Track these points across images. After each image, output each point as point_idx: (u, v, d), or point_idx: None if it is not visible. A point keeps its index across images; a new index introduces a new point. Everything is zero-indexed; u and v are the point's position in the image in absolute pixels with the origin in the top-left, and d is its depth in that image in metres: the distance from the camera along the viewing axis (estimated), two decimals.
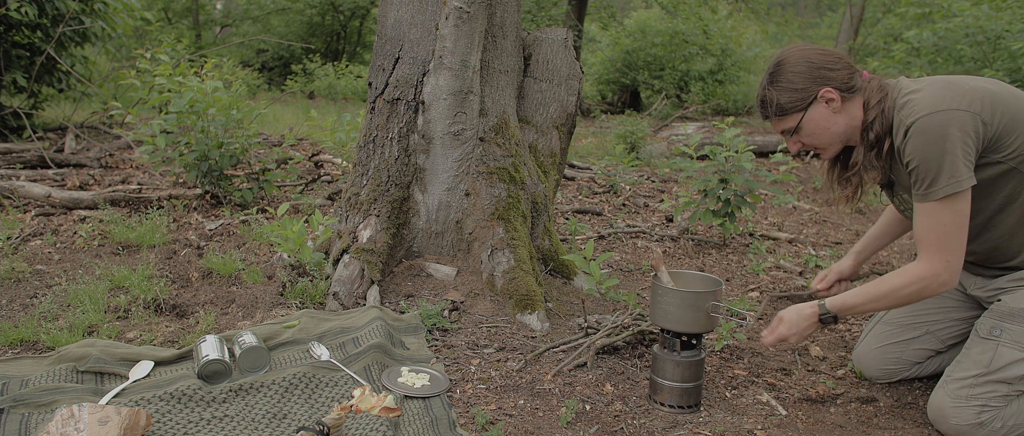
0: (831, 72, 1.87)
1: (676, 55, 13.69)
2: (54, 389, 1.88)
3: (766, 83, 1.94)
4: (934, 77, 1.89)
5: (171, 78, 3.86)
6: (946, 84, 1.81)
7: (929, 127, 1.75)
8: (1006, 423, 1.86)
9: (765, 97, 1.94)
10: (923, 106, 1.77)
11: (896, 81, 1.92)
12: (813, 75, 1.87)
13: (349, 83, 13.52)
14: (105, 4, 6.32)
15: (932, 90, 1.80)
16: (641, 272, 3.41)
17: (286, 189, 4.53)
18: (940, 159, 1.74)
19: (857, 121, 1.91)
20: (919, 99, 1.79)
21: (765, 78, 1.95)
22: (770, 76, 1.93)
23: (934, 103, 1.76)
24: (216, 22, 18.62)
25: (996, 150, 1.80)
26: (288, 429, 1.80)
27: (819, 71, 1.87)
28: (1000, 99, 1.80)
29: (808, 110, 1.89)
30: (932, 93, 1.79)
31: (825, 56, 1.90)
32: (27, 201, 3.83)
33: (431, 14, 2.85)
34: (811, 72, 1.87)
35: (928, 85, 1.83)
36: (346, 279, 2.65)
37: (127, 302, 2.59)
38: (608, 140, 8.25)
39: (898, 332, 2.18)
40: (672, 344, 2.04)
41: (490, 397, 2.06)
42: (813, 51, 1.91)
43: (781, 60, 1.92)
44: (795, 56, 1.90)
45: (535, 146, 3.14)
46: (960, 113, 1.75)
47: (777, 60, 1.94)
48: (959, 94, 1.78)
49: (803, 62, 1.88)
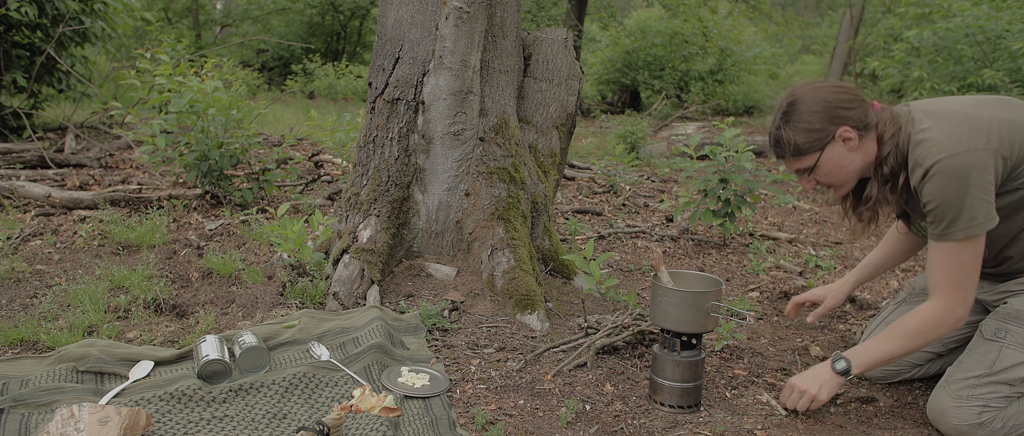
0: (847, 111, 1.83)
1: (676, 55, 13.70)
2: (54, 389, 1.87)
3: (780, 122, 1.89)
4: (947, 107, 1.84)
5: (171, 78, 3.86)
6: (963, 120, 1.77)
7: (948, 170, 1.72)
8: (1006, 424, 1.86)
9: (781, 137, 1.89)
10: (941, 147, 1.73)
11: (907, 111, 1.88)
12: (830, 114, 1.83)
13: (349, 83, 13.52)
14: (105, 4, 6.32)
15: (948, 127, 1.76)
16: (641, 272, 3.41)
17: (286, 189, 4.53)
18: (960, 202, 1.73)
19: (871, 156, 1.88)
20: (936, 138, 1.75)
21: (778, 117, 1.90)
22: (784, 115, 1.88)
23: (953, 144, 1.73)
24: (216, 22, 18.63)
25: (1016, 178, 1.79)
26: (288, 429, 1.80)
27: (835, 110, 1.83)
28: (1018, 127, 1.77)
29: (825, 150, 1.86)
30: (949, 131, 1.75)
31: (841, 94, 1.85)
32: (27, 201, 3.83)
33: (431, 14, 2.85)
34: (827, 112, 1.83)
35: (943, 119, 1.78)
36: (346, 279, 2.65)
37: (127, 302, 2.59)
38: (608, 140, 8.25)
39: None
40: (672, 344, 2.04)
41: (490, 397, 2.06)
42: (828, 89, 1.86)
43: (795, 99, 1.87)
44: (810, 95, 1.86)
45: (535, 146, 3.14)
46: (979, 153, 1.72)
47: (790, 99, 1.88)
48: (977, 131, 1.74)
49: (819, 101, 1.84)
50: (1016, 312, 1.90)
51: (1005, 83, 5.79)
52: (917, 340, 1.88)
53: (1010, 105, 1.86)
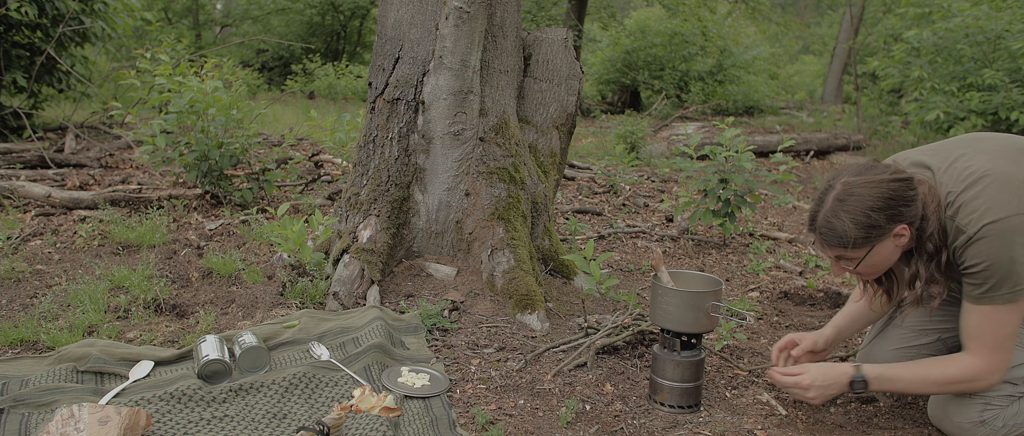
0: (907, 206, 1.73)
1: (676, 55, 13.70)
2: (54, 389, 1.87)
3: (835, 210, 1.76)
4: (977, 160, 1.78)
5: (171, 78, 3.86)
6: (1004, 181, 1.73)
7: (998, 234, 1.69)
8: (1007, 422, 1.86)
9: (833, 226, 1.76)
10: (989, 210, 1.70)
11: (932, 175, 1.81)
12: (891, 212, 1.72)
13: (349, 83, 13.52)
14: (105, 4, 6.32)
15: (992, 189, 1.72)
16: (641, 272, 3.41)
17: (286, 189, 4.53)
18: (1009, 266, 1.70)
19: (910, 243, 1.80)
20: (979, 205, 1.71)
21: (832, 202, 1.76)
22: (839, 202, 1.75)
23: (999, 209, 1.70)
24: (216, 22, 18.63)
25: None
26: (288, 429, 1.80)
27: (897, 208, 1.73)
28: None
29: (876, 246, 1.77)
30: (993, 195, 1.71)
31: (902, 188, 1.74)
32: (27, 201, 3.83)
33: (431, 14, 2.85)
34: (889, 208, 1.72)
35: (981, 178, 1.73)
36: (346, 279, 2.65)
37: (127, 302, 2.59)
38: (608, 140, 8.25)
39: (913, 336, 2.16)
40: (672, 344, 2.04)
41: (490, 397, 2.06)
42: (888, 183, 1.74)
43: (852, 190, 1.75)
44: (870, 190, 1.73)
45: (535, 146, 3.13)
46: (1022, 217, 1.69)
47: (847, 188, 1.76)
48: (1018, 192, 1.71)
49: (880, 198, 1.72)
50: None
51: (1005, 83, 5.78)
52: (949, 388, 1.88)
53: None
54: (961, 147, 1.87)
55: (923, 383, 1.90)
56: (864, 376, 1.91)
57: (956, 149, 1.87)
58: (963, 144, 1.89)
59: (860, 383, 1.91)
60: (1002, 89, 5.79)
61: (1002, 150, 1.83)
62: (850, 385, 1.92)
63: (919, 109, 6.17)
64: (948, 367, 1.86)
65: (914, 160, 1.88)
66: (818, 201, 1.82)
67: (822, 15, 25.87)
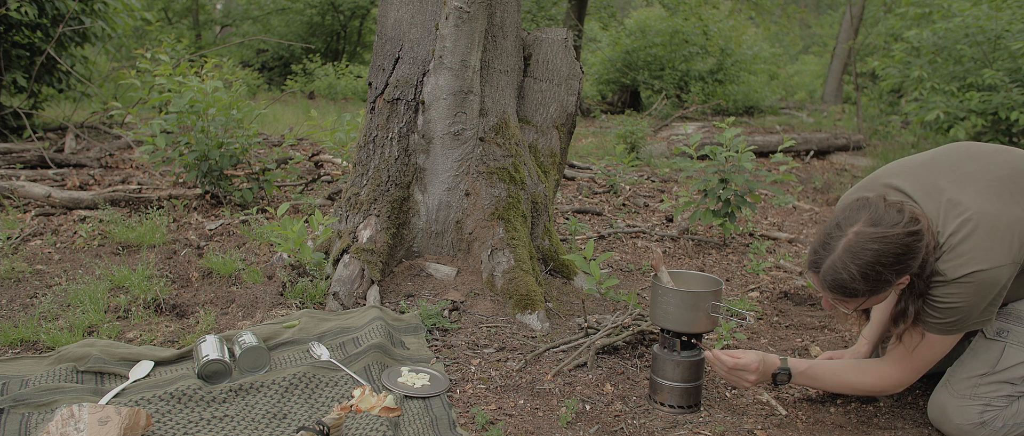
0: (915, 259, 1.69)
1: (676, 55, 13.70)
2: (54, 389, 1.87)
3: (845, 260, 1.69)
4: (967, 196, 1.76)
5: (171, 78, 3.86)
6: (990, 228, 1.71)
7: (976, 284, 1.70)
8: (1007, 423, 1.86)
9: (839, 277, 1.70)
10: (971, 261, 1.69)
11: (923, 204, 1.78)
12: (899, 267, 1.69)
13: (349, 83, 13.52)
14: (105, 4, 6.32)
15: (976, 241, 1.70)
16: (641, 272, 3.41)
17: (286, 189, 4.53)
18: (971, 311, 1.75)
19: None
20: (964, 252, 1.70)
21: (841, 253, 1.69)
22: (850, 254, 1.68)
23: (983, 259, 1.69)
24: (216, 22, 18.63)
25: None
26: (288, 429, 1.80)
27: (906, 262, 1.69)
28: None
29: (878, 294, 1.75)
30: (977, 246, 1.69)
31: (913, 239, 1.68)
32: (27, 201, 3.83)
33: (431, 14, 2.85)
34: (898, 263, 1.68)
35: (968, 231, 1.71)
36: (346, 279, 2.65)
37: (127, 302, 2.59)
38: (608, 140, 8.25)
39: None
40: (672, 344, 2.04)
41: (490, 397, 2.06)
42: (901, 235, 1.67)
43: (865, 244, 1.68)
44: (883, 246, 1.67)
45: (535, 146, 3.13)
46: (1002, 270, 1.71)
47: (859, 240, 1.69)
48: (1003, 243, 1.70)
49: (891, 254, 1.67)
50: (1018, 312, 1.90)
51: (1005, 83, 5.79)
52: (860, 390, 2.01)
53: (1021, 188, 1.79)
54: (943, 174, 1.83)
55: (841, 385, 2.01)
56: (789, 368, 2.00)
57: (937, 177, 1.83)
58: (944, 169, 1.85)
59: (784, 374, 1.99)
60: (1002, 89, 5.79)
61: (987, 182, 1.80)
62: (773, 378, 2.00)
63: (919, 109, 6.17)
64: (865, 376, 1.97)
65: (892, 184, 1.86)
66: (823, 244, 1.75)
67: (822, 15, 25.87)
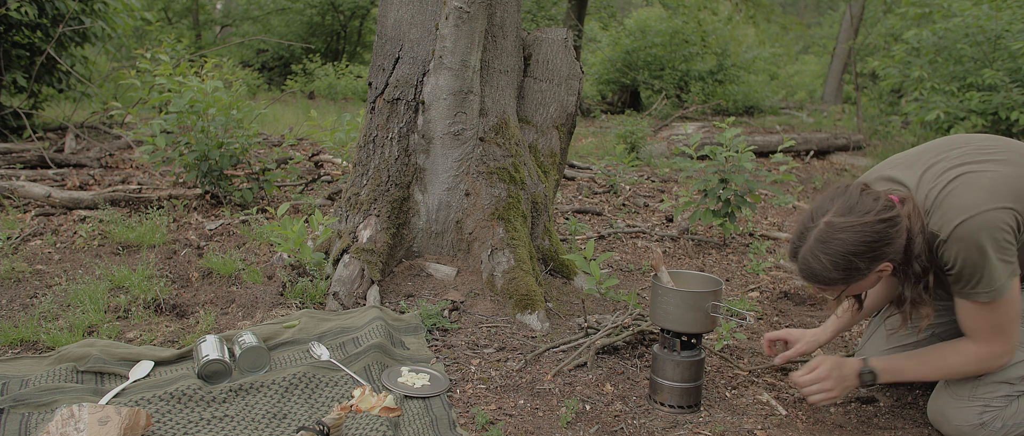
0: (889, 245, 1.67)
1: (676, 55, 13.70)
2: (54, 389, 1.87)
3: (815, 251, 1.70)
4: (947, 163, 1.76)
5: (171, 78, 3.86)
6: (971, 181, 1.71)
7: (967, 234, 1.66)
8: (1006, 423, 1.86)
9: (811, 266, 1.72)
10: (956, 211, 1.68)
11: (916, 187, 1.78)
12: (872, 255, 1.67)
13: (349, 83, 13.52)
14: (105, 4, 6.32)
15: (960, 192, 1.69)
16: (641, 272, 3.41)
17: (286, 189, 4.53)
18: (983, 266, 1.69)
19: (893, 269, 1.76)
20: (950, 205, 1.69)
21: (813, 243, 1.70)
22: (821, 243, 1.69)
23: (966, 206, 1.67)
24: (216, 22, 18.63)
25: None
26: (288, 429, 1.80)
27: (878, 250, 1.67)
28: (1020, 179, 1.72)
29: (856, 282, 1.74)
30: (960, 194, 1.69)
31: (885, 226, 1.66)
32: (27, 201, 3.83)
33: (431, 14, 2.85)
34: (870, 251, 1.67)
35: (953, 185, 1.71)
36: (346, 279, 2.65)
37: (127, 302, 2.59)
38: (608, 140, 8.25)
39: (906, 335, 2.17)
40: (672, 344, 2.04)
41: (490, 397, 2.06)
42: (873, 223, 1.66)
43: (834, 233, 1.68)
44: (852, 235, 1.66)
45: (535, 146, 3.13)
46: (993, 213, 1.67)
47: (829, 229, 1.68)
48: (986, 190, 1.69)
49: (861, 243, 1.66)
50: None
51: (1005, 83, 5.78)
52: (953, 375, 1.89)
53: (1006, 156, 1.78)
54: (935, 155, 1.83)
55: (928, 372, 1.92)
56: (872, 368, 1.94)
57: (928, 157, 1.83)
58: (935, 151, 1.85)
59: (868, 375, 1.94)
60: (1002, 89, 5.79)
61: (979, 152, 1.80)
62: (859, 377, 1.95)
63: (919, 109, 6.17)
64: (953, 355, 1.87)
65: (888, 176, 1.86)
66: (799, 235, 1.76)
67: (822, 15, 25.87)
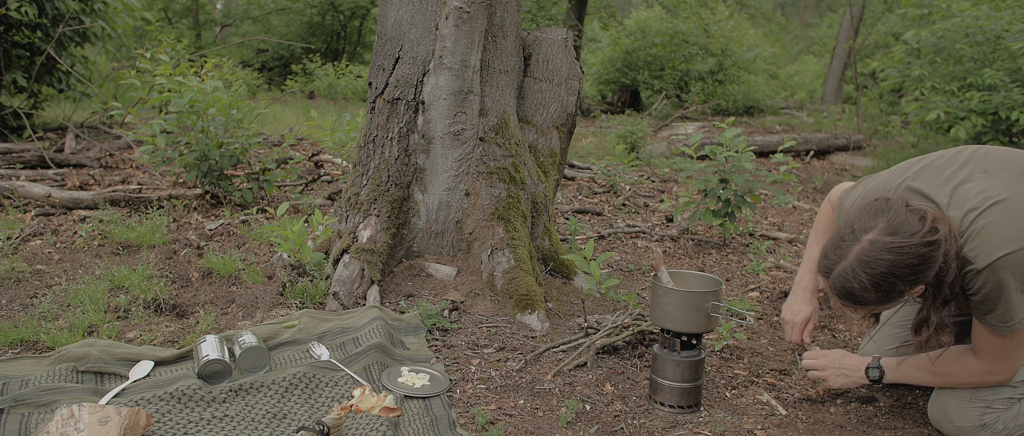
0: (930, 269, 1.62)
1: (676, 55, 13.70)
2: (54, 389, 1.87)
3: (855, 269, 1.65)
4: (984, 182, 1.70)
5: (171, 78, 3.86)
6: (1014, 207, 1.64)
7: (1005, 268, 1.62)
8: (1008, 425, 1.86)
9: (849, 286, 1.67)
10: (999, 242, 1.62)
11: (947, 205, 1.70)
12: (913, 278, 1.63)
13: (349, 83, 13.52)
14: (105, 4, 6.32)
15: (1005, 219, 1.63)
16: (641, 272, 3.41)
17: (286, 189, 4.53)
18: (1009, 301, 1.65)
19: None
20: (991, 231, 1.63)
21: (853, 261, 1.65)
22: (863, 263, 1.64)
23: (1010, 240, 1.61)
24: (216, 22, 18.63)
25: None
26: (288, 429, 1.80)
27: (920, 272, 1.62)
28: None
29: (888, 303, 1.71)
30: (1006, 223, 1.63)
31: (929, 249, 1.61)
32: (27, 201, 3.83)
33: (431, 14, 2.85)
34: (912, 274, 1.62)
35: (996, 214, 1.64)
36: (346, 279, 2.65)
37: (127, 302, 2.59)
38: (608, 140, 8.25)
39: (908, 335, 2.17)
40: (672, 344, 2.04)
41: (490, 397, 2.06)
42: (917, 246, 1.61)
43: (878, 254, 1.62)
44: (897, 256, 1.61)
45: (535, 146, 3.13)
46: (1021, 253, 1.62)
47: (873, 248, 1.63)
48: None
49: (905, 265, 1.61)
50: None
51: (1005, 83, 5.79)
52: (955, 385, 1.91)
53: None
54: (962, 169, 1.77)
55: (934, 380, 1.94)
56: (880, 364, 1.98)
57: (957, 172, 1.76)
58: (963, 164, 1.79)
59: (875, 370, 1.97)
60: (1002, 89, 5.79)
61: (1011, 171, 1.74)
62: (866, 371, 1.98)
63: (919, 109, 6.17)
64: (956, 367, 1.88)
65: (916, 188, 1.77)
66: (835, 248, 1.70)
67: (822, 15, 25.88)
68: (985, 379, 1.86)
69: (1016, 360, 1.81)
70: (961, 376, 1.89)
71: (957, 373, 1.89)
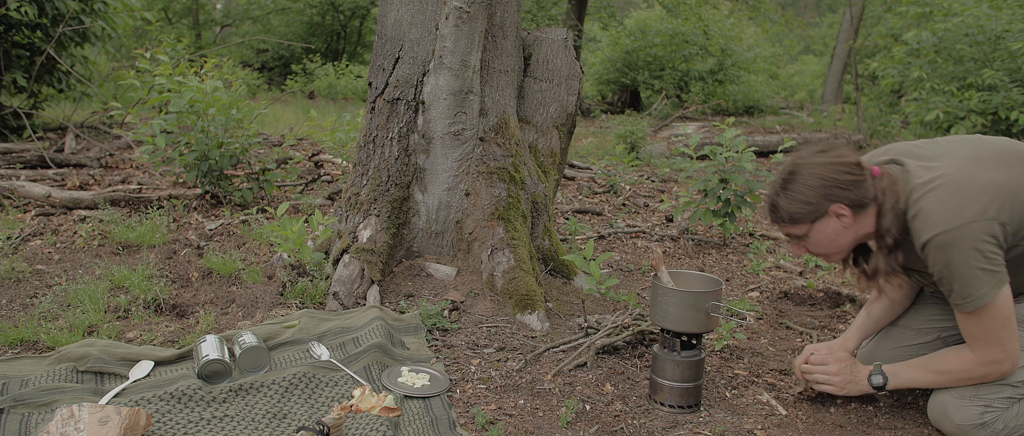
0: (843, 190, 1.81)
1: (676, 55, 13.71)
2: (54, 389, 1.87)
3: (778, 189, 1.89)
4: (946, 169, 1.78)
5: (171, 78, 3.86)
6: (958, 188, 1.73)
7: (945, 246, 1.70)
8: (1007, 425, 1.85)
9: (777, 204, 1.89)
10: (936, 221, 1.71)
11: (904, 171, 1.83)
12: (825, 192, 1.81)
13: (349, 83, 13.53)
14: (105, 4, 6.32)
15: (943, 196, 1.72)
16: (641, 272, 3.41)
17: (286, 189, 4.53)
18: (963, 277, 1.71)
19: (869, 228, 1.86)
20: (931, 211, 1.72)
21: (777, 183, 1.89)
22: (783, 182, 1.88)
23: (946, 217, 1.70)
24: (216, 22, 18.64)
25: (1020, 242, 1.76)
26: (288, 429, 1.80)
27: (831, 189, 1.81)
28: (1008, 189, 1.73)
29: (817, 222, 1.85)
30: (944, 202, 1.72)
31: (839, 172, 1.82)
32: (27, 201, 3.83)
33: (431, 14, 2.85)
34: (823, 188, 1.81)
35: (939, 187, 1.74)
36: (346, 279, 2.65)
37: (127, 302, 2.59)
38: (608, 140, 8.25)
39: (913, 335, 2.17)
40: (672, 344, 2.04)
41: (490, 397, 2.06)
42: (826, 165, 1.83)
43: (794, 170, 1.86)
44: (808, 169, 1.84)
45: (535, 146, 3.13)
46: (974, 226, 1.69)
47: (791, 168, 1.88)
48: (971, 200, 1.71)
49: (815, 177, 1.82)
50: (1019, 315, 1.90)
51: (1005, 83, 5.79)
52: (957, 382, 1.90)
53: (1008, 161, 1.81)
54: (930, 149, 1.88)
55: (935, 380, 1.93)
56: (882, 370, 1.98)
57: (931, 149, 1.87)
58: (957, 143, 1.89)
59: (878, 376, 1.97)
60: (1002, 89, 5.79)
61: (971, 155, 1.82)
62: (868, 377, 1.98)
63: (919, 109, 6.17)
64: (954, 360, 1.89)
65: (892, 157, 1.90)
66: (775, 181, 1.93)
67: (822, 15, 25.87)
68: (986, 371, 1.84)
69: (1009, 345, 1.80)
70: (960, 371, 1.88)
71: (955, 368, 1.88)
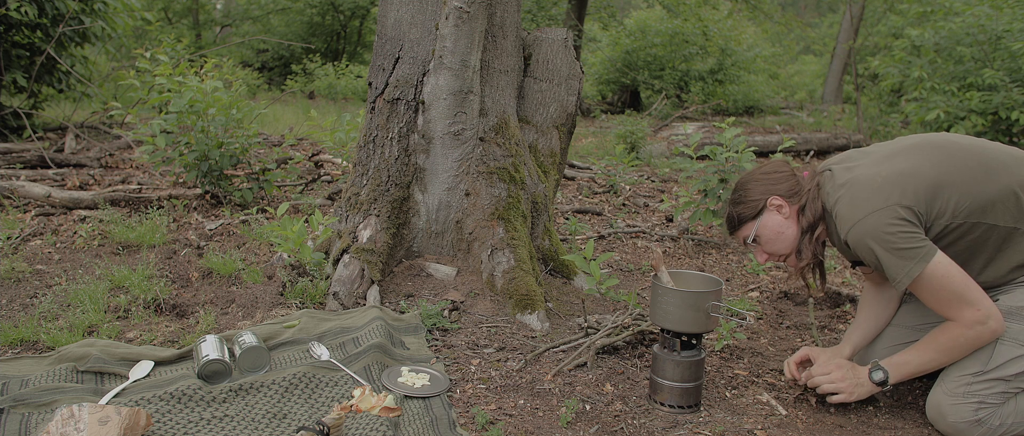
0: (776, 184, 2.05)
1: (676, 55, 13.71)
2: (54, 389, 1.88)
3: (729, 203, 2.13)
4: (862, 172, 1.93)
5: (171, 78, 3.86)
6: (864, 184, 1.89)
7: (860, 237, 1.86)
8: (1004, 421, 1.86)
9: (729, 214, 2.12)
10: (846, 217, 1.88)
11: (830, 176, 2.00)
12: (762, 188, 2.05)
13: (349, 83, 13.53)
14: (105, 4, 6.32)
15: (852, 193, 1.89)
16: (641, 272, 3.41)
17: (286, 189, 4.53)
18: (884, 261, 1.84)
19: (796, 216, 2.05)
20: (842, 212, 1.90)
21: (729, 199, 2.14)
22: (732, 196, 2.13)
23: (853, 213, 1.87)
24: (216, 22, 18.64)
25: (940, 216, 1.86)
26: (288, 429, 1.80)
27: (766, 185, 2.05)
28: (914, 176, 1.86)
29: (760, 217, 2.06)
30: (851, 200, 1.89)
31: (771, 171, 2.09)
32: (27, 201, 3.83)
33: (431, 14, 2.85)
34: (759, 187, 2.06)
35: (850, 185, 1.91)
36: (346, 279, 2.65)
37: (127, 302, 2.59)
38: (608, 140, 8.25)
39: (907, 334, 2.17)
40: (672, 344, 2.04)
41: (490, 397, 2.06)
42: (763, 172, 2.09)
43: (740, 182, 2.13)
44: (749, 176, 2.12)
45: (535, 146, 3.14)
46: (877, 214, 1.83)
47: (737, 184, 2.14)
48: (876, 192, 1.86)
49: (754, 181, 2.08)
50: (1008, 308, 1.90)
51: (1005, 83, 5.79)
52: (952, 354, 1.92)
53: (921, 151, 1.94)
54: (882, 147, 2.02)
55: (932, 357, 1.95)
56: (880, 365, 2.00)
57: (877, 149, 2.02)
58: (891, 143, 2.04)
59: (878, 372, 1.99)
60: (1002, 89, 5.79)
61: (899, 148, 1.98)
62: (869, 376, 2.00)
63: (919, 109, 6.17)
64: (940, 336, 1.93)
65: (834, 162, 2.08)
66: None
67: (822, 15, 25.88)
68: (975, 332, 1.86)
69: (979, 302, 1.84)
70: (950, 340, 1.90)
71: (944, 339, 1.91)
